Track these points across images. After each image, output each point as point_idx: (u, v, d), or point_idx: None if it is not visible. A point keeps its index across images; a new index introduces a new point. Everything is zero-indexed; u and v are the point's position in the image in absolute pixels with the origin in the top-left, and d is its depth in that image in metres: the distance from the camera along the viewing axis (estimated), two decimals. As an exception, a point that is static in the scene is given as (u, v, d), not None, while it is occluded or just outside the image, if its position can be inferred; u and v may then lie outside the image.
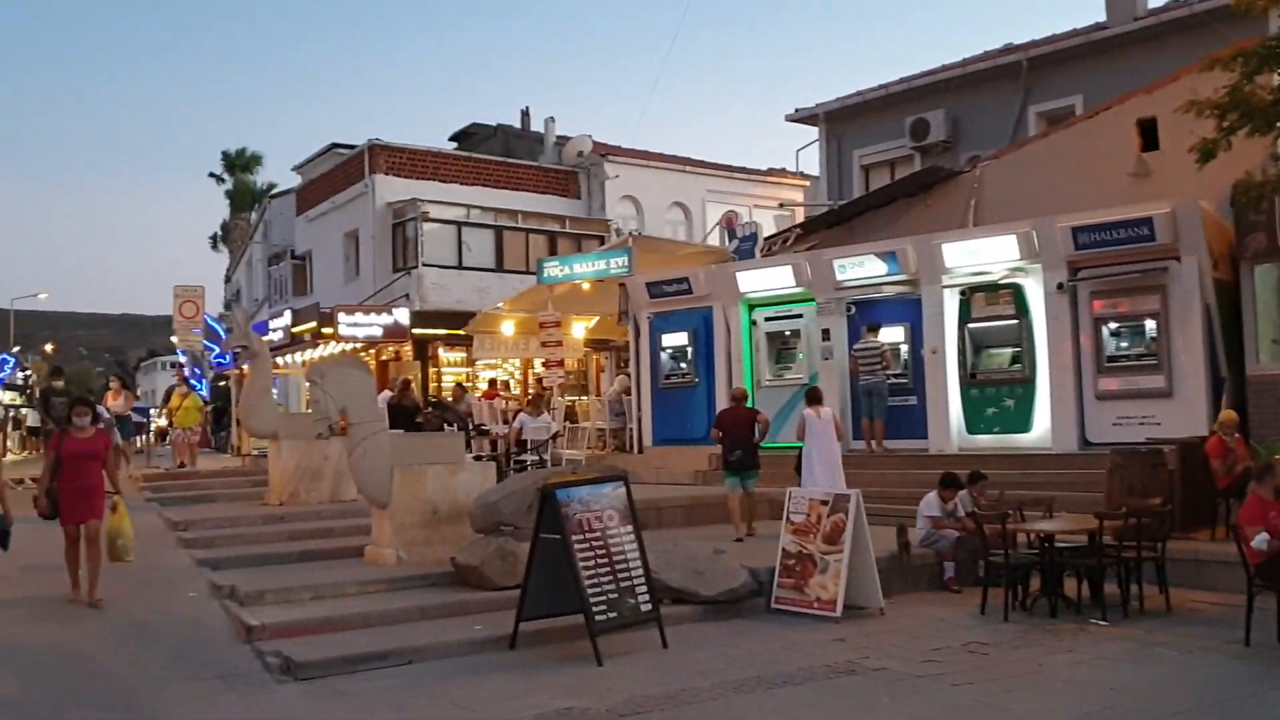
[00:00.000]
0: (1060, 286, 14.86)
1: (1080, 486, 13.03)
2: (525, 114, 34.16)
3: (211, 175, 51.25)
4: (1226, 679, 8.09)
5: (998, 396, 15.53)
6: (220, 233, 52.27)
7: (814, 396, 13.79)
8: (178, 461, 20.24)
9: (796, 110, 25.94)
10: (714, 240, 25.39)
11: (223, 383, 34.94)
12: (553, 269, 21.19)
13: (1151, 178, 16.19)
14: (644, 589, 9.05)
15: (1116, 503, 11.39)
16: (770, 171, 33.56)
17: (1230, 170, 12.84)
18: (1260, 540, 8.56)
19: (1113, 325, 14.67)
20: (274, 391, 22.89)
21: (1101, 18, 21.48)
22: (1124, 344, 14.65)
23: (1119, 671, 8.27)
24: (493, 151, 31.43)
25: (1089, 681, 7.98)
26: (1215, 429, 12.33)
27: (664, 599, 9.65)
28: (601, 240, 27.52)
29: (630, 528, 9.19)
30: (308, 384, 12.49)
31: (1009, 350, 15.60)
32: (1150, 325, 14.35)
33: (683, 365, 19.23)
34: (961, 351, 15.80)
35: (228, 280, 45.76)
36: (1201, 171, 12.20)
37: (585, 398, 25.79)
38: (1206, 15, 18.10)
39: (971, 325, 15.79)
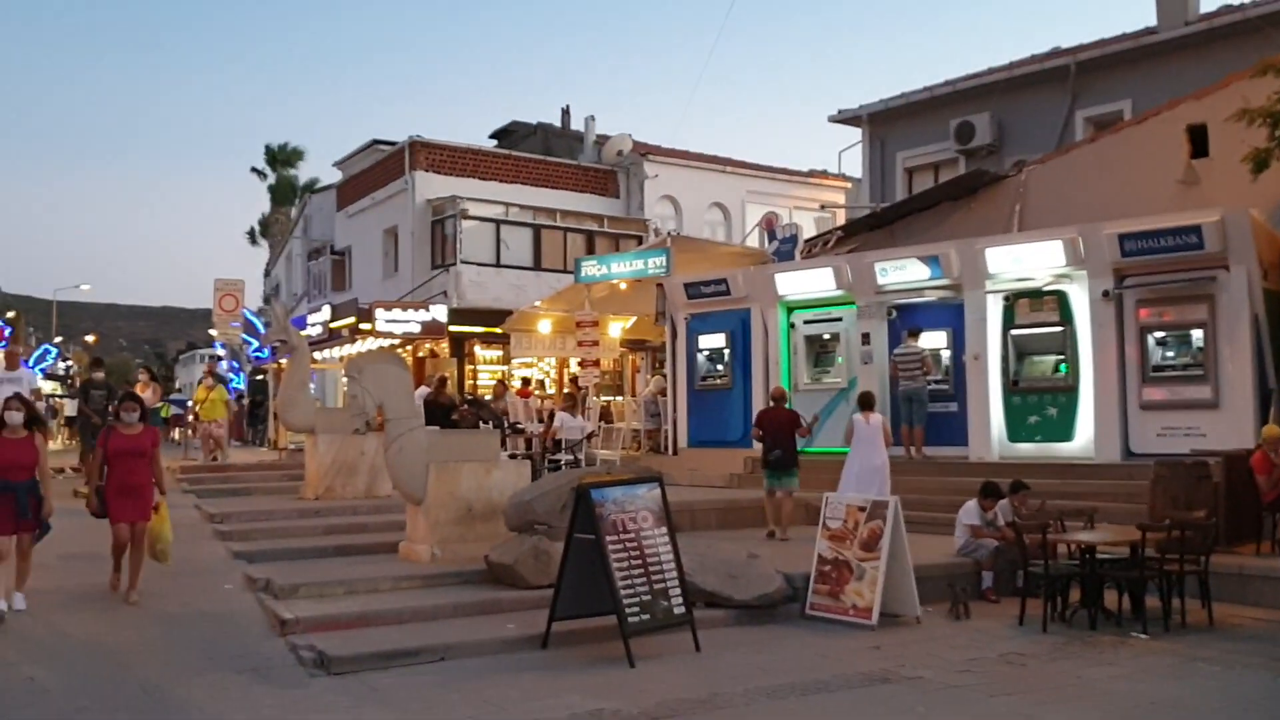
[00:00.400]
0: (1106, 294, 14.64)
1: (1123, 497, 12.83)
2: (565, 112, 34.23)
3: (254, 170, 51.66)
4: (1271, 696, 7.93)
5: (1040, 405, 15.33)
6: (259, 227, 52.68)
7: (865, 401, 13.77)
8: (210, 456, 20.40)
9: (839, 111, 25.79)
10: (753, 241, 25.27)
11: (260, 376, 35.20)
12: (590, 268, 21.17)
13: (1201, 185, 15.97)
14: (677, 591, 8.99)
15: (1159, 515, 11.20)
16: (811, 173, 33.40)
17: (1282, 178, 12.61)
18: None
19: (1159, 334, 14.46)
20: (312, 386, 23.05)
21: (1151, 22, 21.18)
22: (1170, 353, 14.42)
23: (1160, 686, 8.12)
24: (532, 150, 31.50)
25: (1128, 695, 7.84)
26: (1260, 444, 12.09)
27: (697, 602, 9.57)
28: (640, 240, 27.51)
29: (664, 529, 9.13)
30: (345, 379, 12.54)
31: (1052, 358, 15.40)
32: (1197, 335, 14.11)
33: (719, 367, 19.15)
34: (1004, 358, 15.62)
35: (267, 275, 46.12)
36: (1254, 180, 12.00)
37: (620, 398, 25.76)
38: (1260, 20, 17.84)
39: (1015, 332, 15.61)
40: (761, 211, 26.83)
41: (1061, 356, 15.24)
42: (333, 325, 26.53)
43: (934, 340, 16.44)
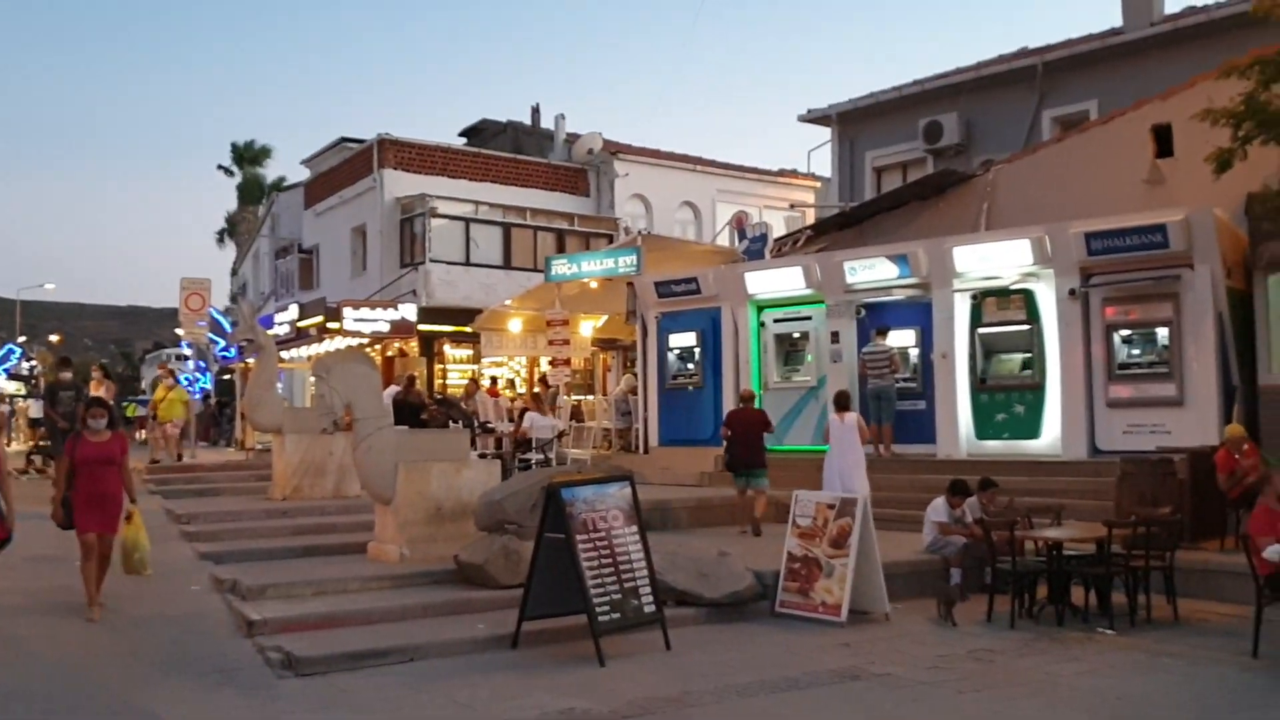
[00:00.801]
0: (1072, 292, 14.75)
1: (1089, 494, 12.94)
2: (535, 111, 34.13)
3: (220, 168, 51.23)
4: (1234, 690, 8.01)
5: (1008, 402, 15.43)
6: (227, 226, 52.26)
7: (840, 401, 13.97)
8: (175, 455, 20.19)
9: (809, 111, 25.83)
10: (724, 240, 25.31)
11: (228, 376, 34.92)
12: (560, 267, 21.13)
13: (1166, 184, 16.10)
14: (648, 590, 8.99)
15: (1125, 511, 11.32)
16: (781, 172, 33.48)
17: (1245, 178, 12.75)
18: (1273, 550, 8.47)
19: (1125, 332, 14.57)
20: (279, 386, 22.90)
21: (1118, 22, 21.35)
22: (1135, 351, 14.55)
23: (1126, 681, 8.19)
24: (502, 148, 31.39)
25: (1095, 691, 7.91)
26: (1223, 443, 12.22)
27: (668, 600, 9.59)
28: (610, 239, 27.51)
29: (635, 528, 9.13)
30: (313, 379, 12.46)
31: (1020, 356, 15.50)
32: (1162, 333, 14.24)
33: (690, 366, 19.15)
34: (972, 356, 15.71)
35: (234, 273, 45.79)
36: (1217, 179, 12.12)
37: (592, 397, 25.73)
38: (1224, 21, 18.01)
39: (982, 330, 15.69)
40: (732, 210, 26.86)
41: (1028, 354, 15.33)
42: (300, 324, 26.36)
43: (902, 339, 16.50)
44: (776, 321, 18.21)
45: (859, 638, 9.47)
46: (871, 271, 16.72)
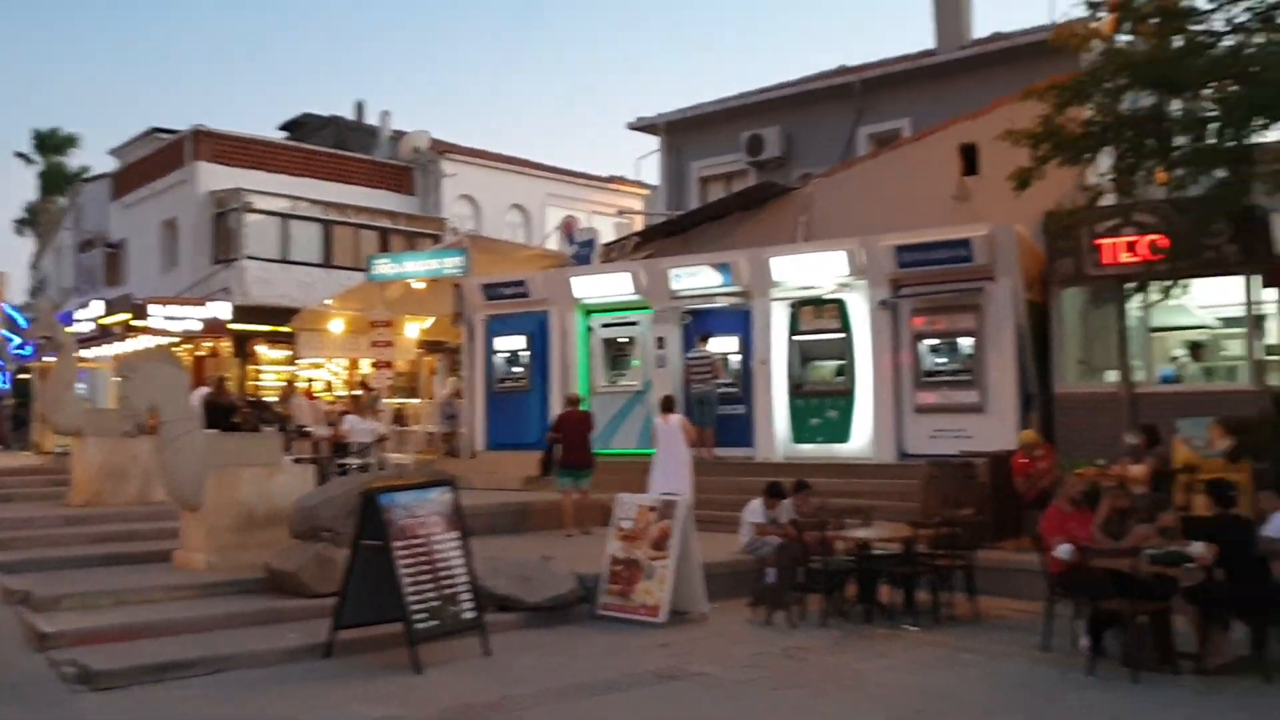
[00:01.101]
0: (883, 303, 15.33)
1: (897, 496, 13.40)
2: (359, 106, 33.41)
3: (19, 155, 48.27)
4: (1027, 682, 8.43)
5: (821, 407, 15.91)
6: (26, 216, 49.28)
7: (664, 405, 14.33)
8: None
9: (639, 119, 26.09)
10: (552, 244, 25.30)
11: (25, 376, 32.92)
12: (383, 266, 20.75)
13: (972, 201, 16.84)
14: (468, 596, 8.90)
15: (931, 512, 11.79)
16: (611, 179, 33.67)
17: (1045, 196, 13.47)
18: (1063, 550, 8.96)
19: (931, 341, 15.20)
20: (80, 386, 21.72)
21: (932, 45, 22.32)
22: (941, 360, 15.19)
23: (929, 676, 8.54)
24: (325, 143, 30.54)
25: (901, 685, 8.21)
26: (1018, 449, 12.89)
27: (489, 606, 9.50)
28: (436, 239, 27.12)
29: (455, 534, 9.02)
30: (117, 379, 11.87)
31: (833, 363, 16.02)
32: (966, 343, 14.92)
33: (517, 369, 19.04)
34: (790, 363, 16.14)
35: (34, 267, 43.26)
36: (1018, 197, 12.77)
37: (416, 400, 25.32)
38: (1027, 48, 19.03)
39: (799, 338, 16.16)
40: (561, 214, 26.91)
41: (841, 362, 15.86)
42: (104, 321, 25.05)
43: (725, 345, 16.80)
44: (604, 326, 18.30)
45: (678, 638, 9.60)
46: (696, 279, 17.00)
